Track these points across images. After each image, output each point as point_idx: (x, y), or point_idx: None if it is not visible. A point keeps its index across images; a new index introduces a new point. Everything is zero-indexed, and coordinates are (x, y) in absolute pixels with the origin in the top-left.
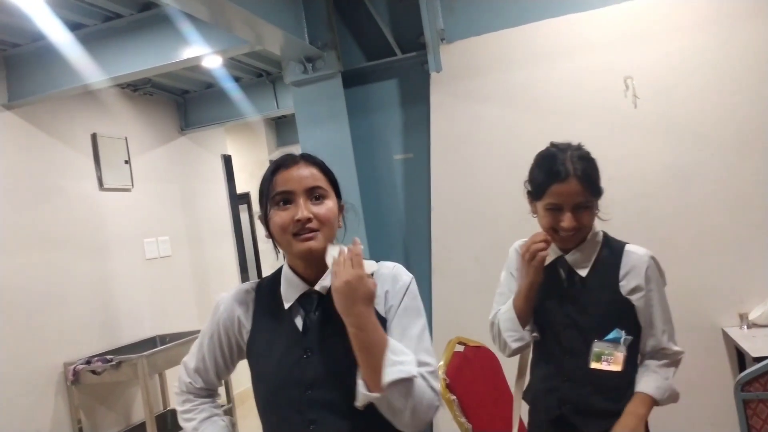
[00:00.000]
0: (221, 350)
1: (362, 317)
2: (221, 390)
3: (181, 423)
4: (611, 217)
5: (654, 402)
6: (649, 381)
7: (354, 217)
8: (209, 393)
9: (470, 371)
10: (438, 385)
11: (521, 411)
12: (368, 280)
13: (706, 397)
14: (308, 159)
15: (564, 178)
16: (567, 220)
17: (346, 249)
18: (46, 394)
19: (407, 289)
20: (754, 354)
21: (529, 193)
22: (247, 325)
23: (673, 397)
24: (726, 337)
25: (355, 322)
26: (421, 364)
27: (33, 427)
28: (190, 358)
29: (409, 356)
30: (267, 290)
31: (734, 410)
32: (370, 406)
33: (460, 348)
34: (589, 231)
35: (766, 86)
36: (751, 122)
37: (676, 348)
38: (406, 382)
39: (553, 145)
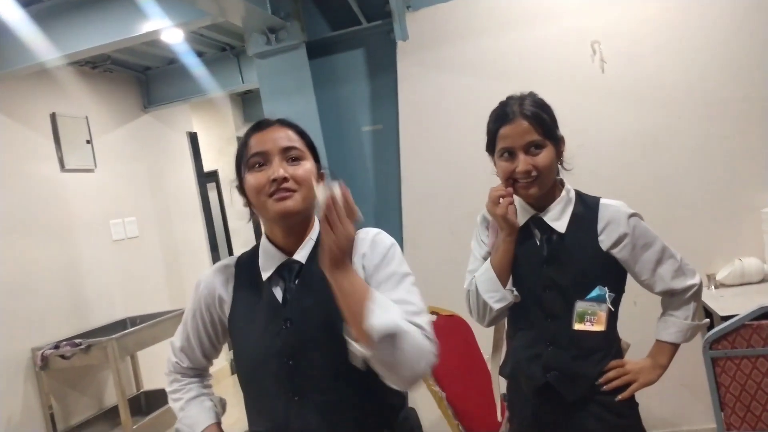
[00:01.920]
0: (205, 328)
1: (348, 272)
2: None
3: (170, 403)
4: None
5: (676, 346)
6: (668, 328)
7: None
8: (197, 373)
9: (443, 340)
10: (432, 334)
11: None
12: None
13: (675, 357)
14: (283, 122)
15: (511, 119)
16: (521, 163)
17: (338, 192)
18: (15, 381)
19: (388, 251)
20: (722, 313)
21: (487, 150)
22: (228, 300)
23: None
24: None
25: (338, 277)
26: (411, 314)
27: (3, 415)
28: (176, 338)
29: (395, 308)
30: (246, 263)
31: (703, 368)
32: (356, 377)
33: (432, 317)
34: (550, 177)
35: (734, 51)
36: (720, 87)
37: (688, 282)
38: (396, 334)
39: (507, 96)
